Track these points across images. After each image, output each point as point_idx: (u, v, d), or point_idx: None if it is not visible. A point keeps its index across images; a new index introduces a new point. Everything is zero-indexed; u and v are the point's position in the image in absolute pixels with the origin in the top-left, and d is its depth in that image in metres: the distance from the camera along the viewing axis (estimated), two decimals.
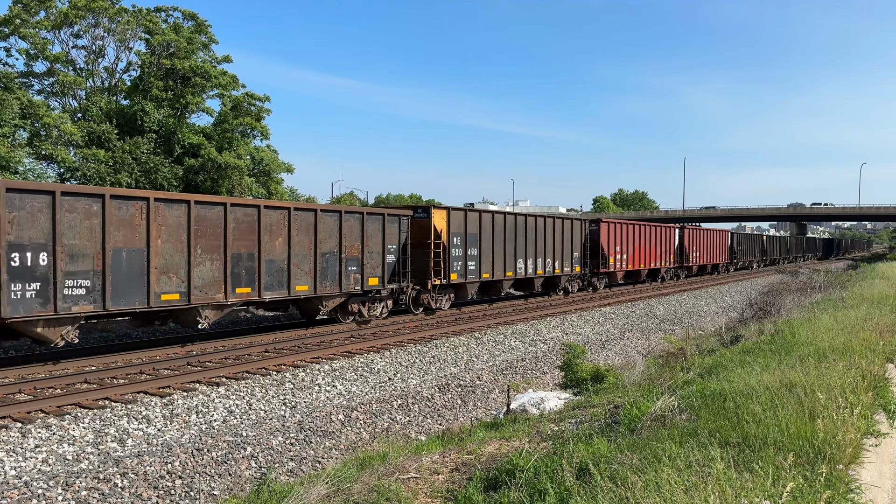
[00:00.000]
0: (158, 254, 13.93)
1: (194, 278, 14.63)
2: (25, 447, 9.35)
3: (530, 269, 27.06)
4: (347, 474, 7.86)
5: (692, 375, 10.93)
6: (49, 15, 33.87)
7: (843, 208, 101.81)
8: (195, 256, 14.64)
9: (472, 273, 23.40)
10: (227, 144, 36.22)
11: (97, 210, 12.90)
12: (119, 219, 13.26)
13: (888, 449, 7.17)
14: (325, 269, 18.04)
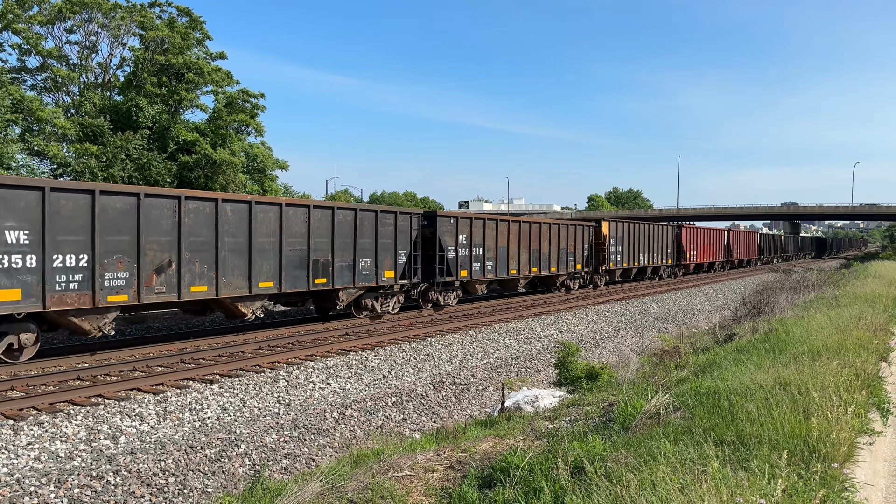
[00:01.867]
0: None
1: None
2: (17, 444, 9.30)
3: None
4: (342, 472, 7.84)
5: (686, 374, 10.94)
6: (42, 10, 33.68)
7: (836, 207, 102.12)
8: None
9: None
10: (222, 141, 36.12)
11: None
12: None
13: (882, 447, 7.20)
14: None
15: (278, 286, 16.89)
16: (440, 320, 21.60)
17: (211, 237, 15.23)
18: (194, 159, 34.44)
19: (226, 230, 15.55)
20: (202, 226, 15.07)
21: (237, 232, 15.87)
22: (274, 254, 16.79)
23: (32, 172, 30.02)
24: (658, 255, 40.55)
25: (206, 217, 15.14)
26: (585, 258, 32.37)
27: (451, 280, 23.04)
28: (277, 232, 16.81)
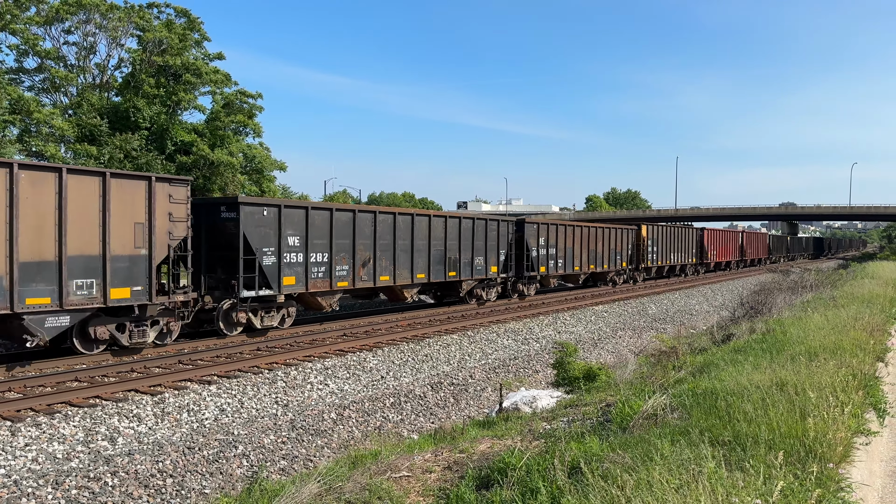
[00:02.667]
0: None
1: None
2: (15, 446, 9.30)
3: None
4: (339, 473, 7.84)
5: (684, 374, 10.96)
6: (40, 11, 33.65)
7: (834, 208, 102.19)
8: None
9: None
10: (220, 142, 36.11)
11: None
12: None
13: (878, 447, 7.21)
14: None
15: (427, 277, 22.04)
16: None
17: (391, 241, 20.39)
18: (192, 160, 34.43)
19: (399, 235, 20.65)
20: (387, 233, 20.21)
21: (404, 236, 20.93)
22: (425, 252, 21.89)
23: None
24: (685, 255, 45.58)
25: (388, 226, 20.30)
26: (629, 257, 37.47)
27: (534, 275, 28.44)
28: (427, 236, 21.96)
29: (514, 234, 27.08)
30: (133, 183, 13.70)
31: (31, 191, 11.89)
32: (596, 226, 33.94)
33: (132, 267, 13.69)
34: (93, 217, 12.98)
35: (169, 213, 14.30)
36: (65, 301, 12.55)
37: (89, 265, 12.94)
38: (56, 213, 12.37)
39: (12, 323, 12.18)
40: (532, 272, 28.03)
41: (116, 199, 13.34)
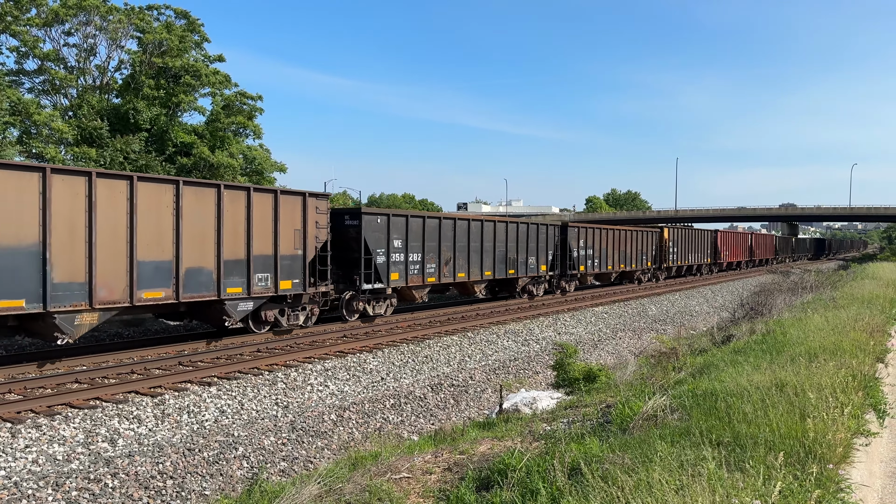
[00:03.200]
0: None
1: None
2: (15, 447, 9.30)
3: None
4: (339, 474, 7.85)
5: (684, 375, 10.97)
6: (40, 12, 33.67)
7: (834, 209, 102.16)
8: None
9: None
10: (220, 143, 36.11)
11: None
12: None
13: (878, 448, 7.21)
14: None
15: (493, 275, 25.39)
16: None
17: (465, 244, 23.72)
18: (192, 162, 34.44)
19: (472, 238, 23.97)
20: (462, 237, 23.56)
21: (475, 240, 24.23)
22: (491, 253, 25.17)
23: None
24: (701, 255, 49.51)
25: (464, 231, 23.65)
26: (653, 257, 40.93)
27: (575, 273, 31.86)
28: (493, 239, 25.26)
29: (559, 237, 30.75)
30: (293, 198, 17.22)
31: (230, 206, 15.69)
32: (625, 229, 37.56)
33: (292, 264, 17.22)
34: (268, 225, 16.54)
35: (316, 221, 17.87)
36: (251, 290, 16.21)
37: (266, 263, 16.52)
38: (245, 223, 15.95)
39: (216, 307, 15.70)
40: (573, 270, 31.69)
41: (283, 212, 16.85)
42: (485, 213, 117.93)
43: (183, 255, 14.57)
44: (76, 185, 12.82)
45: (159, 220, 14.21)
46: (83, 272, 12.91)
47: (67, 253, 12.68)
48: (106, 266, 13.23)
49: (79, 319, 12.95)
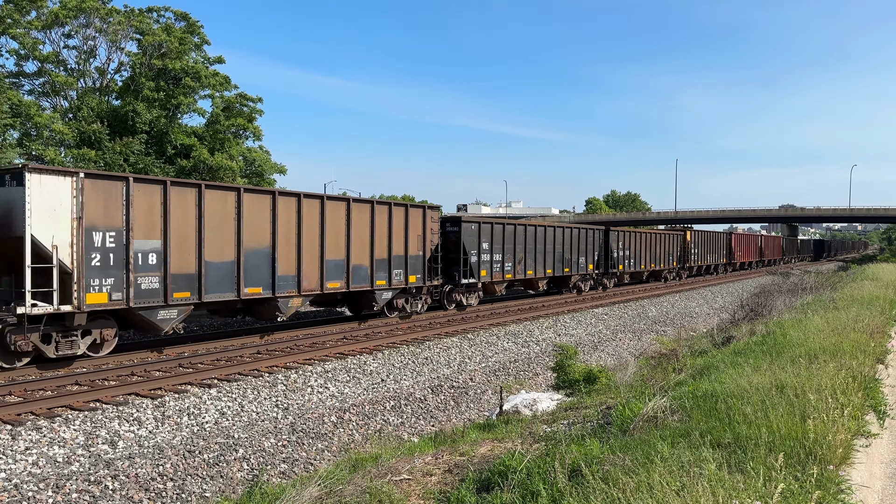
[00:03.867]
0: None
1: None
2: (15, 449, 9.30)
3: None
4: (339, 476, 7.85)
5: (684, 376, 10.97)
6: (40, 15, 33.70)
7: (834, 210, 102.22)
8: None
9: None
10: (220, 145, 36.12)
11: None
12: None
13: (878, 449, 7.21)
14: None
15: (553, 272, 30.02)
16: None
17: (533, 246, 28.28)
18: (192, 164, 34.46)
19: (537, 241, 28.55)
20: (530, 240, 28.12)
21: (540, 242, 28.78)
22: (551, 254, 29.76)
23: None
24: (718, 255, 54.41)
25: (532, 234, 28.25)
26: (677, 257, 45.33)
27: (615, 271, 36.22)
28: (553, 241, 29.93)
29: (603, 240, 34.87)
30: (417, 210, 22.21)
31: (378, 217, 20.23)
32: (655, 232, 42.98)
33: (416, 262, 21.86)
34: (401, 231, 21.15)
35: (431, 228, 22.45)
36: (391, 283, 20.85)
37: (399, 261, 21.03)
38: (387, 230, 20.57)
39: (368, 295, 20.42)
40: (614, 269, 35.94)
41: (411, 221, 21.59)
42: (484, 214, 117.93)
43: (351, 256, 19.21)
44: (290, 204, 17.31)
45: (337, 230, 18.76)
46: (294, 268, 17.45)
47: (285, 254, 17.17)
48: (307, 264, 17.74)
49: (291, 303, 17.48)
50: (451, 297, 24.31)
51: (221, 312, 17.47)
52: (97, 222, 13.27)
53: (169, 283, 14.44)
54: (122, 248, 13.66)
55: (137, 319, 14.44)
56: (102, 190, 13.38)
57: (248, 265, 16.13)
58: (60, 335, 13.17)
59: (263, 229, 16.48)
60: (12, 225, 12.44)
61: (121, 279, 13.63)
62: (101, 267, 13.31)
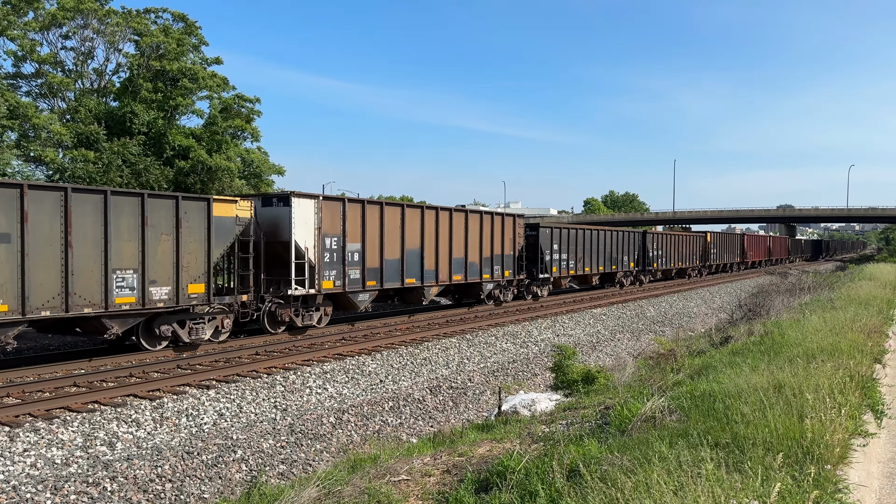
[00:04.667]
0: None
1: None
2: (14, 451, 9.29)
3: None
4: (338, 477, 7.85)
5: (682, 376, 10.98)
6: (37, 16, 33.66)
7: (832, 210, 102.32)
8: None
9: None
10: (218, 146, 36.09)
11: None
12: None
13: (876, 449, 7.23)
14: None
15: (603, 269, 34.91)
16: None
17: (589, 247, 33.17)
18: (190, 165, 34.44)
19: (593, 242, 33.55)
20: (588, 242, 33.06)
21: (594, 243, 33.71)
22: (602, 253, 34.54)
23: (28, 178, 29.96)
24: (733, 255, 59.15)
25: (589, 238, 33.15)
26: (700, 256, 49.99)
27: (651, 269, 41.07)
28: (603, 242, 34.70)
29: (641, 241, 39.86)
30: (510, 218, 27.04)
31: (485, 223, 25.21)
32: (682, 234, 48.02)
33: (509, 260, 26.74)
34: (498, 235, 25.86)
35: (518, 233, 27.32)
36: (493, 276, 25.57)
37: (498, 259, 25.90)
38: (489, 233, 25.28)
39: (476, 287, 25.25)
40: (649, 267, 40.81)
41: (506, 226, 26.43)
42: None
43: (469, 254, 24.01)
44: (431, 215, 22.32)
45: (458, 234, 23.55)
46: (434, 264, 22.30)
47: (429, 253, 22.01)
48: (441, 261, 22.56)
49: (430, 292, 22.67)
50: (530, 288, 29.17)
51: (380, 298, 22.14)
52: (328, 231, 18.37)
53: (365, 274, 19.58)
54: (340, 249, 18.78)
55: (346, 301, 19.56)
56: (331, 208, 18.52)
57: (408, 263, 21.16)
58: (304, 310, 18.20)
59: (415, 235, 21.45)
60: (281, 233, 17.37)
61: (340, 271, 18.75)
62: (329, 262, 18.41)
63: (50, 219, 12.52)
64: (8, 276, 11.98)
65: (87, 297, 13.05)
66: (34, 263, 12.28)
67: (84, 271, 12.99)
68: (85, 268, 13.01)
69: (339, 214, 18.71)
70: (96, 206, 13.22)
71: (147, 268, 14.04)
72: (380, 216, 20.01)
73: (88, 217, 13.08)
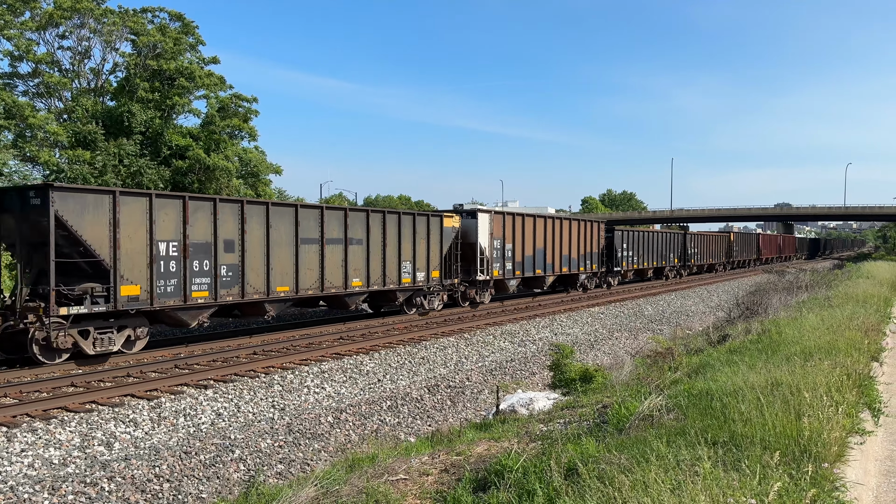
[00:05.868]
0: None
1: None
2: (11, 451, 9.27)
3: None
4: (336, 476, 7.85)
5: (680, 375, 10.99)
6: (34, 16, 33.60)
7: (829, 208, 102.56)
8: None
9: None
10: (215, 146, 36.05)
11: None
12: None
13: (873, 447, 7.24)
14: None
15: (656, 265, 42.15)
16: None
17: (646, 246, 40.25)
18: (188, 164, 34.41)
19: (647, 241, 40.45)
20: (646, 242, 40.14)
21: (649, 242, 40.80)
22: (655, 251, 41.43)
23: (25, 179, 29.90)
24: (750, 252, 66.96)
25: (645, 238, 40.29)
26: (724, 253, 57.25)
27: (689, 264, 48.07)
28: (654, 242, 41.41)
29: (681, 240, 46.37)
30: (596, 223, 34.36)
31: (574, 227, 32.02)
32: (711, 234, 56.14)
33: (595, 256, 33.89)
34: (589, 237, 33.14)
35: (601, 235, 34.52)
36: (586, 269, 32.99)
37: (589, 255, 33.37)
38: (577, 235, 32.05)
39: (573, 277, 32.41)
40: (688, 262, 47.82)
41: (593, 229, 33.70)
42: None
43: (571, 252, 31.58)
44: (550, 222, 30.00)
45: (562, 236, 30.71)
46: (551, 259, 29.98)
47: (549, 251, 29.70)
48: (555, 257, 30.24)
49: (548, 280, 30.15)
50: (606, 279, 36.13)
51: (502, 286, 27.72)
52: (495, 234, 25.91)
53: (514, 266, 27.13)
54: (501, 248, 26.30)
55: (503, 284, 26.98)
56: (496, 218, 26.13)
57: (536, 258, 28.66)
58: (475, 292, 25.48)
59: (540, 238, 29.05)
60: (471, 236, 24.94)
61: (501, 264, 26.28)
62: (496, 258, 25.95)
63: (377, 230, 20.51)
64: (362, 264, 19.90)
65: (390, 279, 21.08)
66: (352, 258, 19.44)
67: (389, 264, 20.95)
68: (390, 261, 20.99)
69: (500, 222, 26.20)
70: (394, 222, 21.03)
71: (417, 260, 21.85)
72: (522, 224, 27.48)
73: (392, 227, 20.99)
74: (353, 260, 19.19)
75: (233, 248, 15.97)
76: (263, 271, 16.67)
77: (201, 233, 15.27)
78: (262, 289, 16.63)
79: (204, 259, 15.30)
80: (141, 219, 14.10)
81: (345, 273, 18.95)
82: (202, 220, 15.31)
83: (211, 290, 15.43)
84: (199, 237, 15.22)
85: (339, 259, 18.81)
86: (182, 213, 14.86)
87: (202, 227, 15.31)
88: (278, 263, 17.00)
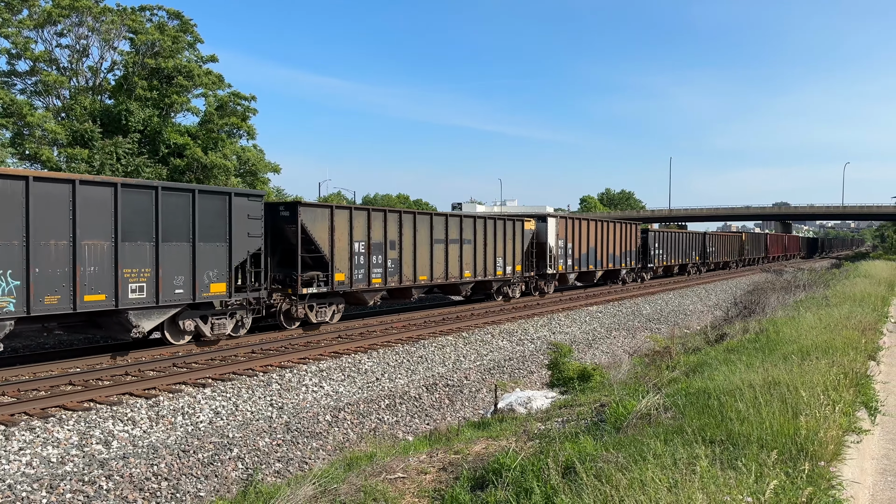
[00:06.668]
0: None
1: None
2: (9, 450, 9.27)
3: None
4: (334, 475, 7.86)
5: (677, 374, 11.01)
6: (32, 14, 33.54)
7: (827, 207, 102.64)
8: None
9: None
10: (213, 144, 36.01)
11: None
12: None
13: (869, 445, 7.26)
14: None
15: (682, 261, 46.86)
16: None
17: (674, 245, 45.23)
18: (185, 163, 34.39)
19: (674, 241, 45.23)
20: (673, 241, 45.27)
21: (676, 241, 45.61)
22: (684, 250, 46.87)
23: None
24: (758, 251, 71.74)
25: (673, 237, 45.49)
26: (738, 252, 62.43)
27: (708, 261, 52.58)
28: (683, 242, 46.62)
29: (702, 240, 51.12)
30: (633, 224, 38.47)
31: (610, 228, 35.60)
32: (728, 234, 61.40)
33: (632, 254, 37.98)
34: (628, 237, 37.57)
35: (637, 235, 38.51)
36: (626, 265, 37.80)
37: (627, 253, 37.59)
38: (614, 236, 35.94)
39: (614, 272, 37.84)
40: (707, 260, 52.11)
41: (630, 230, 37.83)
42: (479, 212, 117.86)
43: (615, 250, 35.70)
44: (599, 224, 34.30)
45: (606, 236, 34.58)
46: (601, 256, 33.94)
47: (598, 249, 33.74)
48: (603, 254, 34.13)
49: (597, 275, 34.29)
50: (641, 275, 40.86)
51: (563, 279, 31.85)
52: (560, 237, 29.92)
53: (573, 262, 31.20)
54: (564, 247, 30.34)
55: (563, 278, 31.13)
56: (562, 223, 30.22)
57: (589, 255, 32.71)
58: (544, 284, 29.78)
59: (592, 237, 33.06)
60: (542, 236, 28.80)
61: (564, 261, 30.29)
62: (559, 255, 29.88)
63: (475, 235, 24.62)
64: (471, 259, 24.24)
65: (489, 271, 25.35)
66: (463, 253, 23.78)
67: (488, 259, 25.14)
68: (489, 257, 25.23)
69: (563, 225, 30.44)
70: (491, 226, 25.30)
71: (506, 255, 25.94)
72: (578, 226, 31.67)
73: (490, 230, 25.20)
74: (465, 256, 23.76)
75: (395, 246, 20.74)
76: (412, 264, 21.43)
77: (378, 235, 20.06)
78: (411, 277, 21.45)
79: (378, 255, 20.08)
80: (345, 225, 18.93)
81: (460, 266, 23.57)
82: (377, 226, 20.06)
83: (383, 278, 20.26)
84: (376, 238, 20.01)
85: (457, 255, 23.36)
86: (367, 220, 19.68)
87: (378, 231, 20.10)
88: (420, 258, 21.74)
